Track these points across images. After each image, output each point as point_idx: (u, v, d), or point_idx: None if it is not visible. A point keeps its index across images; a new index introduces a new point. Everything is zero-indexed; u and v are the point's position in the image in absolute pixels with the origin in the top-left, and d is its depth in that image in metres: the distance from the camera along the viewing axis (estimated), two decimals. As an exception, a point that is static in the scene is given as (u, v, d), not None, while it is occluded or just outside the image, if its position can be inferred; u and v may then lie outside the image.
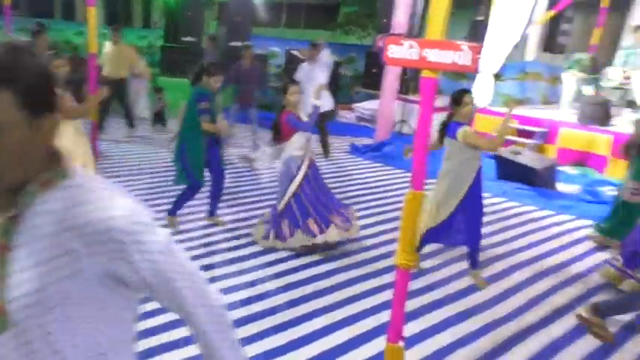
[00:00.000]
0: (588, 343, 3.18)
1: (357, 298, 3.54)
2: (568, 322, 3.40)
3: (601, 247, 4.73)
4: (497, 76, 9.18)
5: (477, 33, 8.65)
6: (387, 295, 3.39)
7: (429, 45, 2.17)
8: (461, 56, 2.09)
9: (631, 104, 9.26)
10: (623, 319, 3.40)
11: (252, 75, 6.99)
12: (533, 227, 5.23)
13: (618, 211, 4.69)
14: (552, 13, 9.19)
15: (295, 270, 3.90)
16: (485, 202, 5.87)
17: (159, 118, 8.57)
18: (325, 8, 13.41)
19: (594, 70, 8.78)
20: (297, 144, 4.12)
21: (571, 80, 9.03)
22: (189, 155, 4.42)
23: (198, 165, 4.44)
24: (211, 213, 4.75)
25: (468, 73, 10.02)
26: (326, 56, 7.20)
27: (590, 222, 5.25)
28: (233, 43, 10.25)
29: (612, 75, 8.54)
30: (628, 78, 8.52)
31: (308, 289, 3.63)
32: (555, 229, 5.20)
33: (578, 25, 11.27)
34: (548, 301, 3.68)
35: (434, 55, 2.15)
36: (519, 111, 9.16)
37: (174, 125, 5.00)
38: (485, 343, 3.11)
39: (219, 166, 4.61)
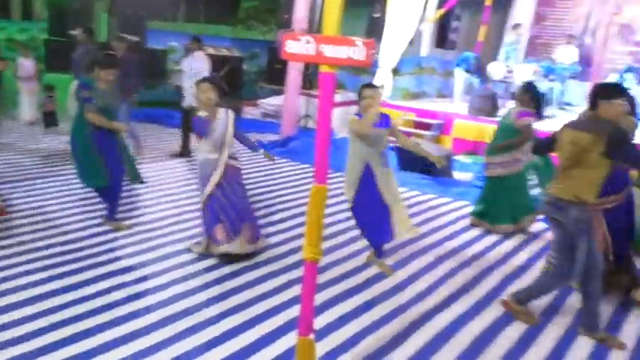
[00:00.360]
0: (487, 319, 3.42)
1: (267, 295, 3.52)
2: (468, 300, 3.63)
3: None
4: (396, 71, 9.56)
5: (374, 29, 8.95)
6: (296, 290, 3.41)
7: (325, 41, 2.19)
8: (355, 51, 2.14)
9: (514, 96, 10.09)
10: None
11: (126, 68, 6.52)
12: (433, 214, 5.52)
13: (484, 193, 5.14)
14: (442, 11, 9.75)
15: (201, 272, 3.79)
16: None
17: (50, 119, 7.92)
18: (226, 2, 13.13)
19: (478, 67, 9.45)
20: (206, 146, 3.91)
21: (461, 74, 9.65)
22: (79, 153, 4.17)
23: (91, 162, 4.18)
24: (109, 217, 4.47)
25: (368, 69, 10.35)
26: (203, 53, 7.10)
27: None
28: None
29: (496, 69, 9.23)
30: (511, 72, 9.28)
31: (215, 290, 3.54)
32: (453, 215, 5.53)
33: (465, 22, 12.06)
34: (449, 283, 3.91)
35: (330, 51, 2.17)
36: (417, 104, 9.64)
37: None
38: (392, 327, 3.23)
39: (117, 165, 4.34)
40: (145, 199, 5.29)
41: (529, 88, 4.96)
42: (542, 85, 9.98)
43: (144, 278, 3.63)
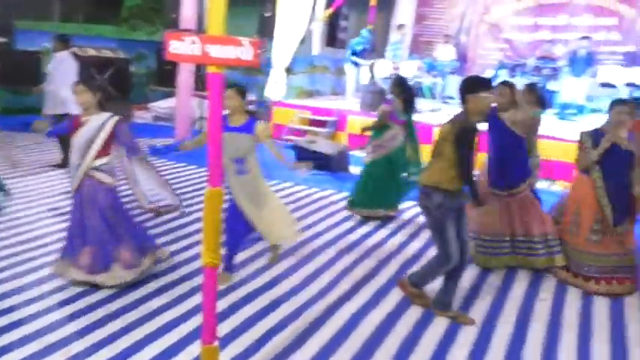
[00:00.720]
0: (386, 307, 3.56)
1: (167, 306, 3.38)
2: (368, 291, 3.76)
3: (387, 219, 5.34)
4: (289, 70, 9.64)
5: (266, 28, 8.94)
6: (198, 298, 3.31)
7: (211, 41, 2.14)
8: (243, 51, 2.12)
9: (418, 92, 10.63)
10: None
11: None
12: (333, 209, 5.65)
13: (358, 181, 5.43)
14: (330, 10, 10.00)
15: (94, 290, 3.53)
16: (287, 190, 6.23)
17: None
18: (106, 1, 12.36)
19: (374, 43, 9.80)
20: (74, 154, 3.50)
21: (352, 72, 9.97)
22: None
23: None
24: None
25: (263, 69, 10.32)
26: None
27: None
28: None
29: (383, 66, 9.65)
30: (397, 69, 9.76)
31: (113, 306, 3.33)
32: (351, 209, 5.70)
33: (353, 21, 12.48)
34: (351, 275, 4.02)
35: (217, 51, 2.13)
36: (311, 102, 9.80)
37: None
38: (298, 325, 3.25)
39: None
40: (19, 216, 4.82)
41: (399, 81, 5.31)
42: (426, 81, 10.65)
43: (28, 302, 3.31)
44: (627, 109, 3.80)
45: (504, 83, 4.32)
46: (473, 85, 3.17)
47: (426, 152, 7.37)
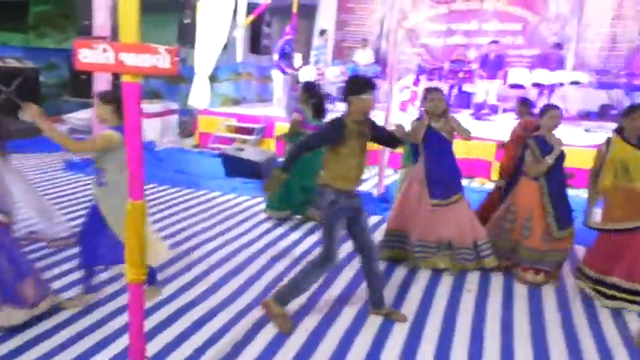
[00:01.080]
0: (320, 311, 3.58)
1: (92, 328, 3.19)
2: (302, 296, 3.73)
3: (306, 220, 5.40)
4: (213, 78, 9.49)
5: (187, 35, 8.72)
6: (125, 318, 3.15)
7: (124, 49, 2.05)
8: (160, 59, 2.05)
9: (328, 97, 10.76)
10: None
11: None
12: (264, 216, 5.60)
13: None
14: (252, 17, 9.94)
15: None
16: (217, 200, 6.12)
17: None
18: (10, 6, 11.51)
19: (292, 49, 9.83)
20: None
21: (279, 78, 9.98)
22: None
23: None
24: None
25: (186, 76, 10.08)
26: None
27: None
28: None
29: (308, 72, 9.75)
30: (321, 74, 9.88)
31: (31, 332, 3.09)
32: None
33: (276, 28, 12.49)
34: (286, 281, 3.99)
35: (131, 59, 2.04)
36: (237, 110, 9.70)
37: None
38: (232, 336, 3.18)
39: None
40: None
41: (306, 87, 5.38)
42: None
43: None
44: (560, 114, 3.97)
45: (437, 89, 4.30)
46: (355, 87, 3.12)
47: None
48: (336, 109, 9.83)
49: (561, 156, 4.00)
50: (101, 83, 7.58)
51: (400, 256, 4.41)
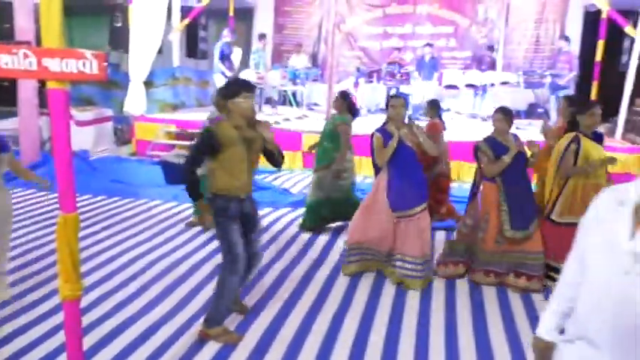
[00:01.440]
0: (268, 316, 3.55)
1: (25, 350, 3.01)
2: (249, 301, 3.71)
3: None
4: (149, 84, 9.21)
5: (119, 40, 8.43)
6: (61, 337, 2.99)
7: (48, 54, 1.95)
8: (87, 65, 1.96)
9: (269, 101, 10.73)
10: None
11: None
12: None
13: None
14: (187, 20, 9.76)
15: None
16: (158, 208, 5.93)
17: None
18: None
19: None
20: None
21: (221, 82, 9.81)
22: None
23: None
24: None
25: (120, 81, 9.73)
26: None
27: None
28: None
29: (248, 76, 9.66)
30: (262, 78, 9.82)
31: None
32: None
33: (212, 31, 12.32)
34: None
35: (56, 65, 1.94)
36: (176, 116, 9.46)
37: None
38: (172, 353, 3.08)
39: None
40: None
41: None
42: (289, 89, 10.89)
43: None
44: (503, 117, 4.01)
45: (398, 96, 4.25)
46: (229, 92, 3.06)
47: (292, 160, 7.49)
48: (278, 113, 9.84)
49: (521, 156, 4.01)
50: (26, 90, 7.19)
51: (366, 267, 4.28)
